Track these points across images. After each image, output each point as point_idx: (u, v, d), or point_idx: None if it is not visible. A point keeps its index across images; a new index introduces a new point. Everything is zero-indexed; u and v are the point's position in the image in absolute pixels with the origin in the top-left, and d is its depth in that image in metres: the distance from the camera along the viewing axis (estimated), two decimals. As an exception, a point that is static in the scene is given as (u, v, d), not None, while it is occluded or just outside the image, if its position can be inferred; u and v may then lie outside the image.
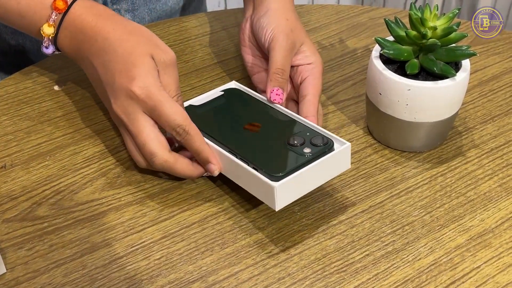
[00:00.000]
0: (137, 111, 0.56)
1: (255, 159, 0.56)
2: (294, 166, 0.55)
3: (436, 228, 0.57)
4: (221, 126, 0.62)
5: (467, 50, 0.60)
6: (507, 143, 0.66)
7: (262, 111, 0.63)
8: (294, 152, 0.56)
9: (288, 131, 0.60)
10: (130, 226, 0.57)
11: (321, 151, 0.56)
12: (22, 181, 0.61)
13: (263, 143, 0.59)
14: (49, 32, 0.62)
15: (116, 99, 0.57)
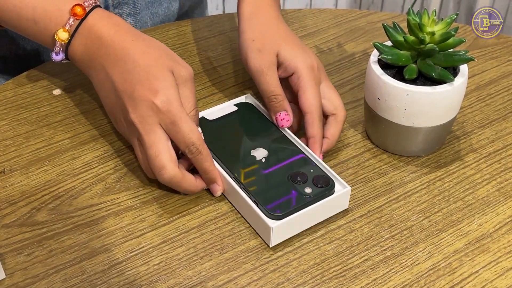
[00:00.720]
0: (155, 123, 0.56)
1: (257, 193, 0.57)
2: (293, 207, 0.55)
3: (435, 233, 0.57)
4: (230, 148, 0.62)
5: (465, 55, 0.60)
6: (505, 147, 0.66)
7: (271, 135, 0.63)
8: (295, 190, 0.57)
9: (293, 163, 0.60)
10: (129, 231, 0.57)
11: (322, 193, 0.57)
12: (21, 186, 0.61)
13: (267, 175, 0.59)
14: (64, 37, 0.61)
15: (135, 109, 0.57)
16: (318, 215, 0.57)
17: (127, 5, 0.83)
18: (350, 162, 0.64)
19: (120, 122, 0.60)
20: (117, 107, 0.60)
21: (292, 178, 0.58)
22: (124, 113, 0.58)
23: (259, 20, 0.68)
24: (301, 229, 0.57)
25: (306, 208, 0.56)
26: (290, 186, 0.57)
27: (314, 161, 0.60)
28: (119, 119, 0.60)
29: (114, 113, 0.61)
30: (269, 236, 0.55)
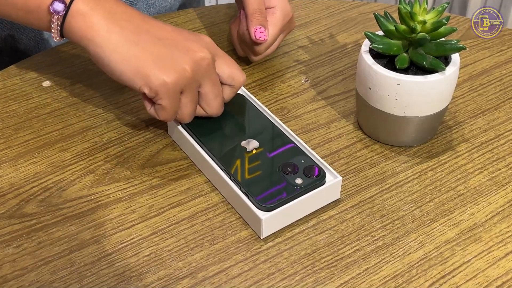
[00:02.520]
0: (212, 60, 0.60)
1: (247, 185, 0.56)
2: (283, 198, 0.55)
3: (426, 223, 0.57)
4: (220, 139, 0.62)
5: (456, 44, 0.60)
6: (497, 137, 0.66)
7: (262, 126, 0.64)
8: (285, 180, 0.57)
9: (284, 154, 0.60)
10: (119, 223, 0.57)
11: (312, 184, 0.57)
12: (10, 178, 0.61)
13: (257, 166, 0.59)
14: None
15: (199, 46, 0.59)
16: (309, 205, 0.57)
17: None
18: (341, 153, 0.64)
19: (173, 67, 0.58)
20: (171, 52, 0.58)
21: (283, 168, 0.58)
22: (185, 50, 0.59)
23: None
24: (292, 220, 0.57)
25: (297, 199, 0.56)
26: (280, 177, 0.57)
27: (305, 151, 0.60)
28: (173, 64, 0.58)
29: (167, 60, 0.58)
30: (260, 227, 0.55)
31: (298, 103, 0.70)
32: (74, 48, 0.77)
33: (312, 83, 0.73)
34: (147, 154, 0.64)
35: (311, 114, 0.69)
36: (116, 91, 0.71)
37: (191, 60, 0.58)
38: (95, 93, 0.71)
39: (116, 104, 0.69)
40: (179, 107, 0.59)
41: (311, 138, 0.66)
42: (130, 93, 0.71)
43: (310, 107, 0.70)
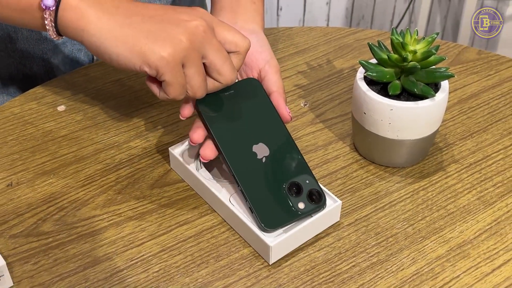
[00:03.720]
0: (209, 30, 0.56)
1: (253, 201, 0.56)
2: (285, 221, 0.56)
3: (418, 240, 0.58)
4: (233, 136, 0.59)
5: (445, 72, 0.61)
6: (485, 158, 0.67)
7: (272, 125, 0.61)
8: (289, 202, 0.56)
9: (290, 171, 0.59)
10: (130, 241, 0.57)
11: (314, 209, 0.57)
12: (28, 198, 0.61)
13: (265, 179, 0.58)
14: None
15: (191, 17, 0.56)
16: (312, 229, 0.58)
17: None
18: (338, 173, 0.65)
19: (169, 39, 0.54)
20: (163, 26, 0.55)
21: (289, 189, 0.57)
22: (178, 21, 0.55)
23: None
24: (297, 245, 0.57)
25: (301, 225, 0.56)
26: (285, 197, 0.57)
27: (310, 171, 0.59)
28: (168, 37, 0.54)
29: (161, 36, 0.55)
30: (268, 254, 0.55)
31: (298, 126, 0.71)
32: (86, 74, 0.78)
33: (311, 107, 0.74)
34: (156, 175, 0.64)
35: (310, 136, 0.70)
36: (126, 115, 0.72)
37: (185, 30, 0.54)
38: (107, 117, 0.72)
39: (127, 128, 0.70)
40: (186, 81, 0.56)
41: (310, 159, 0.66)
42: (139, 117, 0.72)
43: (309, 129, 0.71)
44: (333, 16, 1.85)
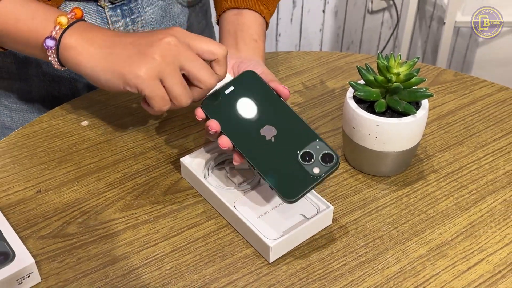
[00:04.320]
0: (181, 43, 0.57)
1: (274, 183, 0.55)
2: (305, 188, 0.54)
3: (402, 241, 0.58)
4: (240, 126, 0.58)
5: (425, 92, 0.61)
6: (461, 168, 0.67)
7: (275, 108, 0.59)
8: (305, 170, 0.55)
9: (300, 142, 0.56)
10: (145, 242, 0.58)
11: (329, 170, 0.55)
12: (55, 203, 0.62)
13: (278, 159, 0.56)
14: (64, 22, 0.58)
15: (165, 35, 0.56)
16: (307, 232, 0.58)
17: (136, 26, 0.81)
18: (330, 181, 0.65)
19: (144, 61, 0.56)
20: (141, 48, 0.57)
21: (302, 158, 0.55)
22: (153, 42, 0.57)
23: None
24: (294, 245, 0.57)
25: (298, 228, 0.55)
26: (299, 167, 0.55)
27: (319, 137, 0.57)
28: (143, 58, 0.56)
29: (136, 59, 0.56)
30: (268, 254, 0.55)
31: None
32: (106, 93, 0.78)
33: (307, 122, 0.74)
34: (168, 183, 0.65)
35: None
36: (142, 130, 0.72)
37: (158, 48, 0.56)
38: (125, 131, 0.72)
39: (142, 140, 0.70)
40: (168, 93, 0.57)
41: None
42: (153, 131, 0.72)
43: None
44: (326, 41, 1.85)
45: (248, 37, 0.70)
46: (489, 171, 0.67)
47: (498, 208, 0.62)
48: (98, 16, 0.74)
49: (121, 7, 0.75)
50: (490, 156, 0.69)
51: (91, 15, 0.74)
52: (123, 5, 0.75)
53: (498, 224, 0.60)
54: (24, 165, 0.66)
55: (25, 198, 0.62)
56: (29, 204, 0.61)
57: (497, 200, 0.63)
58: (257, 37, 0.71)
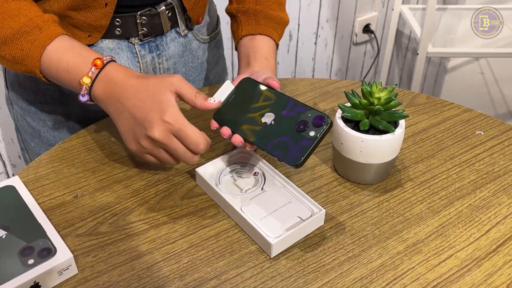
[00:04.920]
0: (169, 132, 0.57)
1: (278, 153, 0.54)
2: (307, 151, 0.53)
3: (383, 239, 0.58)
4: (245, 122, 0.59)
5: (402, 113, 0.62)
6: (433, 177, 0.67)
7: (268, 97, 0.60)
8: (302, 137, 0.54)
9: (293, 116, 0.57)
10: (166, 239, 0.58)
11: (324, 130, 0.54)
12: (89, 206, 0.62)
13: (280, 133, 0.56)
14: (87, 81, 0.59)
15: (152, 127, 0.56)
16: (303, 232, 0.58)
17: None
18: (322, 188, 0.65)
19: (135, 141, 0.59)
20: (135, 129, 0.58)
21: (298, 128, 0.55)
22: (143, 132, 0.57)
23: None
24: (291, 243, 0.57)
25: (295, 228, 0.56)
26: (299, 137, 0.55)
27: (305, 106, 0.57)
28: (134, 139, 0.59)
29: (130, 135, 0.59)
30: (270, 250, 0.55)
31: None
32: (133, 113, 0.79)
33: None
34: (185, 189, 0.65)
35: None
36: None
37: (147, 137, 0.57)
38: None
39: None
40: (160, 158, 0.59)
41: (301, 178, 0.67)
42: None
43: None
44: (317, 68, 1.87)
45: (260, 56, 0.71)
46: (456, 180, 0.67)
47: (464, 212, 0.62)
48: (129, 51, 0.75)
49: (149, 43, 0.76)
50: (457, 167, 0.69)
51: (123, 50, 0.75)
52: (150, 42, 0.76)
53: (464, 225, 0.60)
54: (64, 174, 0.67)
55: (65, 202, 0.62)
56: (68, 207, 0.62)
57: (463, 205, 0.63)
58: (268, 56, 0.72)
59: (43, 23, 0.61)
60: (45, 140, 0.81)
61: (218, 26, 0.89)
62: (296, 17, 1.67)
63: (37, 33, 0.60)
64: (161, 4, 0.74)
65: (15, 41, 0.60)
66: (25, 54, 0.60)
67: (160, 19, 0.75)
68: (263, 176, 0.64)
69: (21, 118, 0.81)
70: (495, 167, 0.69)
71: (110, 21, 0.70)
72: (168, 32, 0.77)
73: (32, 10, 0.61)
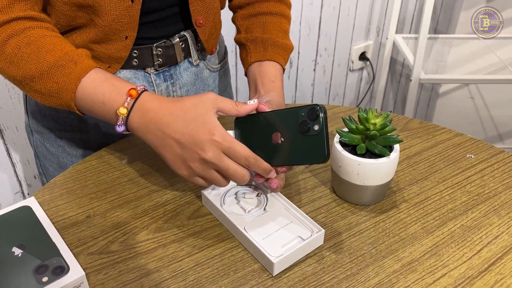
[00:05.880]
0: (220, 152, 0.55)
1: (301, 161, 0.54)
2: (323, 145, 0.52)
3: (380, 258, 0.58)
4: (260, 152, 0.57)
5: (396, 138, 0.62)
6: (426, 199, 0.67)
7: (268, 121, 0.58)
8: (312, 136, 0.53)
9: (293, 124, 0.55)
10: (173, 258, 0.58)
11: (323, 118, 0.53)
12: (101, 226, 0.62)
13: (291, 146, 0.55)
14: (124, 112, 0.58)
15: (204, 149, 0.55)
16: (303, 251, 0.57)
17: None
18: (322, 209, 0.65)
19: (185, 166, 0.57)
20: (184, 155, 0.56)
21: (302, 131, 0.54)
22: (194, 156, 0.55)
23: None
24: (293, 262, 0.57)
25: (296, 247, 0.55)
26: (308, 138, 0.54)
27: (296, 111, 0.55)
28: (184, 164, 0.57)
29: (179, 161, 0.57)
30: (272, 268, 0.55)
31: (292, 174, 0.71)
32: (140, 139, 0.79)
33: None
34: (192, 210, 0.65)
35: (301, 182, 0.70)
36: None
37: (200, 160, 0.56)
38: (158, 168, 0.72)
39: (172, 175, 0.71)
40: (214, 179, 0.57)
41: (302, 198, 0.67)
42: None
43: (301, 176, 0.71)
44: (316, 93, 1.88)
45: (267, 80, 0.72)
46: (449, 201, 0.67)
47: (457, 232, 0.62)
48: (145, 80, 0.76)
49: (163, 73, 0.77)
50: (450, 189, 0.69)
51: (140, 80, 0.76)
52: (165, 71, 0.77)
53: (457, 245, 0.60)
54: (77, 194, 0.67)
55: (77, 222, 0.63)
56: (80, 227, 0.62)
57: (456, 225, 0.63)
58: (275, 79, 0.73)
59: (78, 57, 0.60)
60: (63, 165, 0.81)
61: (226, 56, 0.91)
62: (296, 45, 1.69)
63: (72, 67, 0.59)
64: (175, 36, 0.76)
65: (50, 75, 0.59)
66: (60, 87, 0.59)
67: (174, 50, 0.76)
68: (266, 197, 0.64)
69: (41, 145, 0.82)
70: (486, 189, 0.69)
71: (128, 53, 0.71)
72: (181, 62, 0.79)
73: (67, 45, 0.61)
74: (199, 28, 0.76)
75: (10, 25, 0.60)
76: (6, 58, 0.60)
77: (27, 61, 0.59)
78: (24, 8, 0.61)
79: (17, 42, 0.60)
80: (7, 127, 1.25)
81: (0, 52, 0.60)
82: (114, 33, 0.68)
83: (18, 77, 0.61)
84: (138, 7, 0.67)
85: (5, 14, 0.60)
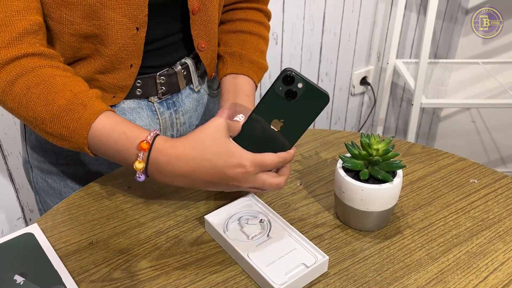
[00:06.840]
0: (255, 175, 0.59)
1: (306, 121, 0.57)
2: (315, 88, 0.54)
3: (385, 285, 0.57)
4: (263, 142, 0.60)
5: (399, 163, 0.62)
6: (430, 224, 0.67)
7: (260, 117, 0.59)
8: (303, 94, 0.55)
9: (278, 103, 0.57)
10: (176, 285, 0.57)
11: (300, 76, 0.54)
12: (104, 253, 0.61)
13: (291, 118, 0.57)
14: (140, 167, 0.58)
15: (240, 182, 0.58)
16: (307, 278, 0.57)
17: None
18: (325, 235, 0.65)
19: (224, 189, 0.61)
20: (220, 187, 0.60)
21: (290, 99, 0.56)
22: (231, 187, 0.59)
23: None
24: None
25: (300, 274, 0.55)
26: (298, 100, 0.56)
27: (267, 92, 0.57)
28: (223, 189, 0.61)
29: (216, 189, 0.61)
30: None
31: (296, 200, 0.71)
32: (146, 162, 0.79)
33: (305, 186, 0.75)
34: (194, 236, 0.64)
35: (305, 207, 0.70)
36: (172, 193, 0.72)
37: (235, 187, 0.60)
38: (161, 194, 0.72)
39: (174, 201, 0.71)
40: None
41: (305, 225, 0.66)
42: (183, 193, 0.72)
43: (304, 202, 0.71)
44: (318, 117, 1.89)
45: (242, 93, 0.75)
46: (453, 227, 0.66)
47: (462, 258, 0.61)
48: (149, 109, 0.77)
49: (166, 101, 0.78)
50: (454, 214, 0.69)
51: (143, 109, 0.76)
52: (168, 99, 0.79)
53: (463, 271, 0.59)
54: (80, 221, 0.67)
55: (80, 249, 0.62)
56: (83, 254, 0.61)
57: (461, 251, 0.62)
58: (249, 94, 0.76)
59: (88, 100, 0.59)
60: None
61: None
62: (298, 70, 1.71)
63: (82, 111, 0.58)
64: (177, 64, 0.77)
65: (60, 119, 0.58)
66: (71, 132, 0.58)
67: (177, 78, 0.78)
68: (269, 223, 0.64)
69: (42, 180, 0.81)
70: (490, 215, 0.69)
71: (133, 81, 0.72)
72: (183, 89, 0.80)
73: (77, 85, 0.60)
74: (202, 52, 0.77)
75: (20, 62, 0.58)
76: (15, 99, 0.59)
77: (36, 102, 0.58)
78: (33, 42, 0.59)
79: (26, 81, 0.58)
80: (10, 152, 1.25)
81: (9, 91, 0.58)
82: (119, 62, 0.69)
83: (28, 118, 0.60)
84: (143, 35, 0.68)
85: (15, 49, 0.58)
